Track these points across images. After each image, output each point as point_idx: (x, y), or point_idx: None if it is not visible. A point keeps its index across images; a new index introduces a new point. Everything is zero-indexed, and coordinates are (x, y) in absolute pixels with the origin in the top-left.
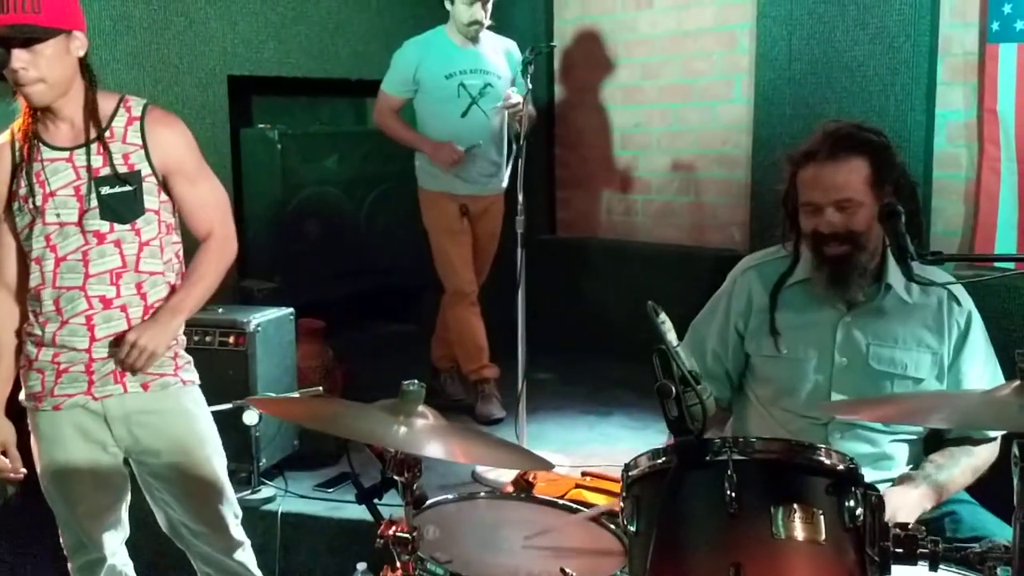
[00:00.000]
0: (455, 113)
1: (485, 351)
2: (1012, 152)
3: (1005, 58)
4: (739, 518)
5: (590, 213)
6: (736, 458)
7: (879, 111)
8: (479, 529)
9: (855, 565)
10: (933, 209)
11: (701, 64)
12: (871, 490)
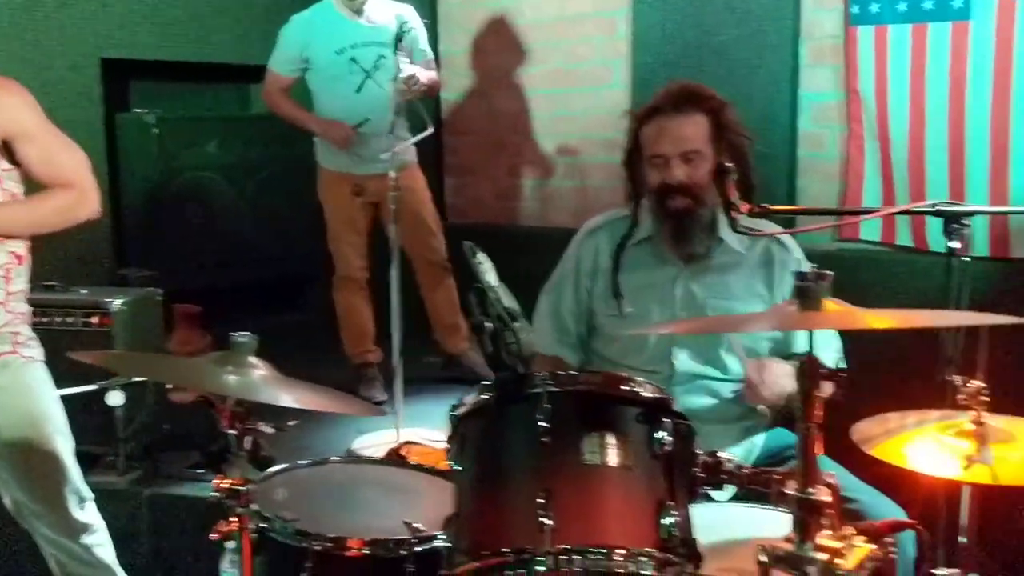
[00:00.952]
0: (349, 89)
1: (370, 336)
2: (874, 131)
3: (864, 40)
4: (552, 447)
5: (479, 199)
6: (552, 390)
7: (747, 93)
8: (331, 491)
9: (664, 490)
10: (798, 188)
11: (583, 49)
12: (681, 419)
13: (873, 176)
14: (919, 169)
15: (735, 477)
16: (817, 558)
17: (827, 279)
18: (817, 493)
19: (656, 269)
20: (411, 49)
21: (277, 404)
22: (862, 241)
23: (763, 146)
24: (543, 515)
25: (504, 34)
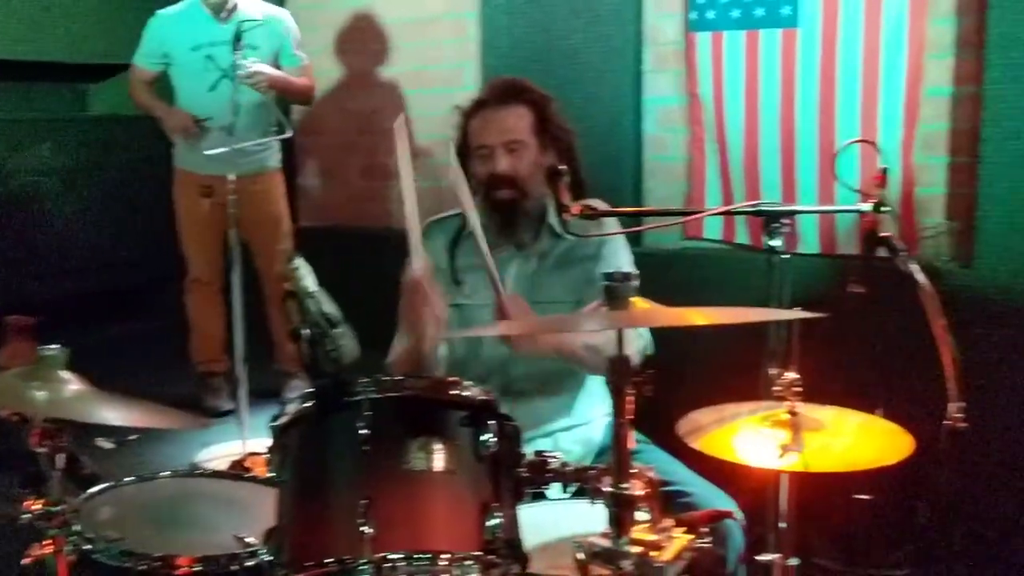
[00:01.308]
0: (204, 87)
1: (218, 343)
2: (713, 134)
3: (702, 46)
4: (374, 454)
5: (332, 200)
6: (373, 396)
7: (594, 97)
8: (162, 507)
9: (489, 493)
10: (645, 190)
11: (434, 51)
12: (506, 420)
13: (714, 177)
14: (754, 170)
15: (560, 475)
16: (632, 552)
17: (633, 279)
18: (632, 488)
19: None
20: (276, 52)
21: (91, 421)
22: (706, 240)
23: (610, 149)
24: (364, 523)
25: (356, 36)
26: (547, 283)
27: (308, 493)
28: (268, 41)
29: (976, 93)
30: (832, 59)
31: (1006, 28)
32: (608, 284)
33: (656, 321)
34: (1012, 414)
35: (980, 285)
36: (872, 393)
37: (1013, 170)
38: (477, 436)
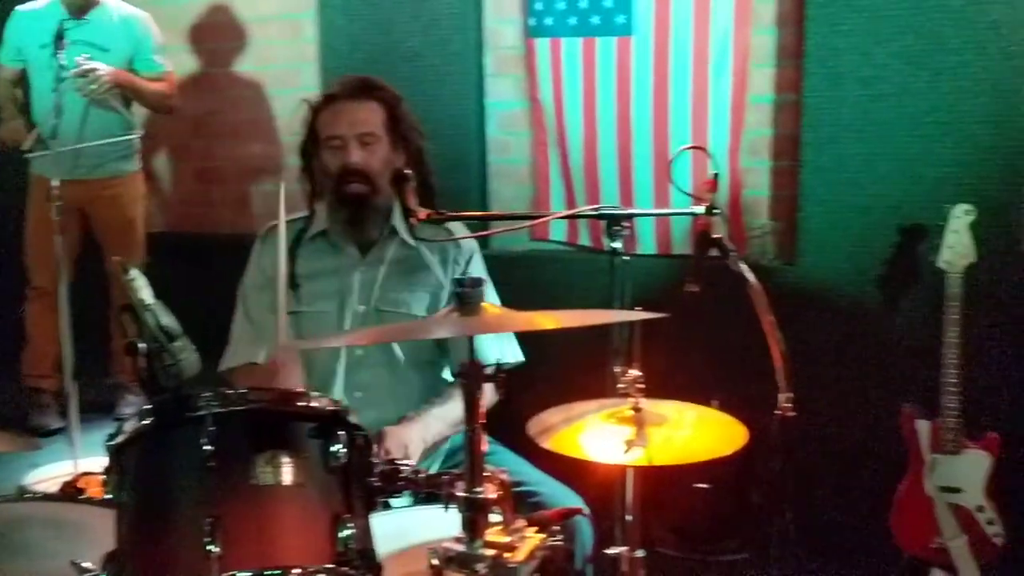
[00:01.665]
0: (48, 86)
1: (50, 359)
2: (555, 138)
3: (541, 52)
4: (219, 471)
5: (165, 205)
6: (217, 411)
7: (436, 100)
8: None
9: (340, 504)
10: (490, 192)
11: (271, 52)
12: (357, 431)
13: (557, 180)
14: (594, 174)
15: (412, 483)
16: (486, 555)
17: (483, 284)
18: (484, 492)
19: (332, 261)
20: (131, 56)
21: None
22: (552, 241)
23: (455, 153)
24: (210, 542)
25: (189, 36)
26: (394, 291)
27: (150, 514)
28: (122, 43)
29: (796, 101)
30: (665, 67)
31: (822, 39)
32: (459, 291)
33: (506, 327)
34: (836, 401)
35: (804, 282)
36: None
37: (831, 173)
38: (326, 447)
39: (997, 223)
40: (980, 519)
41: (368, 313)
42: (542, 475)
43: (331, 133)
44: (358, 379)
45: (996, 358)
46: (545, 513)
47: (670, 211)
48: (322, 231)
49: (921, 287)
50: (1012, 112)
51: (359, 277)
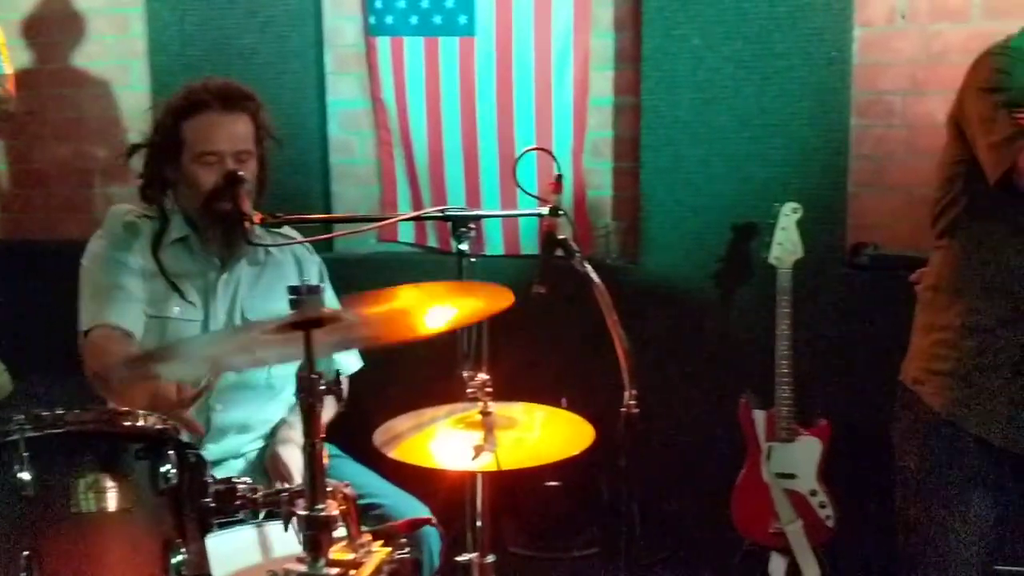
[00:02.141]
0: None
1: None
2: (398, 138)
3: (382, 50)
4: (37, 500)
5: None
6: (31, 435)
7: (274, 99)
8: None
9: (172, 528)
10: (333, 194)
11: (95, 48)
12: (189, 449)
13: (403, 181)
14: (439, 175)
15: (250, 502)
16: (330, 574)
17: (320, 291)
18: (326, 508)
19: (193, 269)
20: None
21: None
22: (400, 243)
23: (295, 153)
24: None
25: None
26: (259, 299)
27: None
28: None
29: (635, 103)
30: (508, 68)
31: (658, 43)
32: (294, 298)
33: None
34: (678, 395)
35: (646, 280)
36: (558, 387)
37: (669, 175)
38: (155, 469)
39: (822, 220)
40: (813, 503)
41: (232, 322)
42: (388, 485)
43: (208, 149)
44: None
45: (824, 348)
46: (392, 525)
47: (514, 212)
48: (181, 238)
49: (755, 282)
50: (835, 114)
51: (223, 285)
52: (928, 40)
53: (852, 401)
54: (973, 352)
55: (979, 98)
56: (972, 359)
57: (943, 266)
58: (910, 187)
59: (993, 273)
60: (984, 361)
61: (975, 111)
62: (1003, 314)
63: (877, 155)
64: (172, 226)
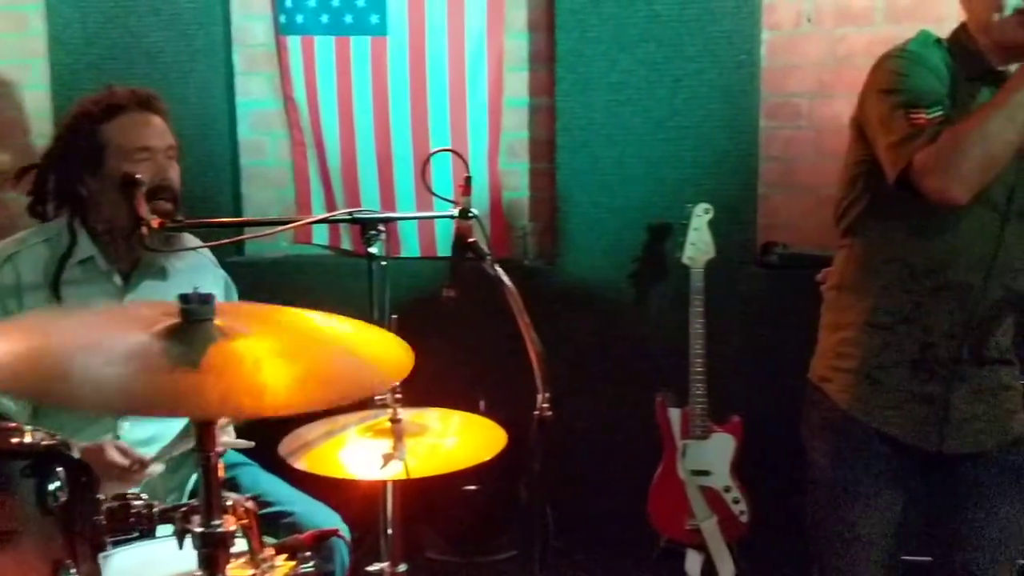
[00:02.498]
0: None
1: None
2: (311, 138)
3: (293, 49)
4: None
5: None
6: None
7: (181, 99)
8: None
9: (61, 548)
10: (244, 195)
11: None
12: (79, 466)
13: (317, 182)
14: (353, 176)
15: (144, 519)
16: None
17: (211, 299)
18: (223, 524)
19: (98, 288)
20: None
21: None
22: (314, 245)
23: (204, 154)
24: None
25: None
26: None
27: None
28: None
29: (550, 104)
30: (422, 69)
31: (572, 44)
32: (185, 307)
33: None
34: (597, 395)
35: (564, 280)
36: (475, 391)
37: (584, 176)
38: (43, 487)
39: (734, 220)
40: (727, 499)
41: None
42: (297, 493)
43: (140, 144)
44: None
45: (737, 346)
46: (297, 538)
47: (422, 215)
48: (88, 257)
49: (670, 282)
50: (744, 117)
51: (130, 300)
52: (833, 44)
53: (764, 397)
54: (875, 349)
55: (878, 100)
56: (874, 356)
57: (846, 265)
58: (818, 187)
59: (894, 272)
60: (886, 358)
61: (875, 112)
62: (903, 312)
63: (786, 156)
64: (79, 246)
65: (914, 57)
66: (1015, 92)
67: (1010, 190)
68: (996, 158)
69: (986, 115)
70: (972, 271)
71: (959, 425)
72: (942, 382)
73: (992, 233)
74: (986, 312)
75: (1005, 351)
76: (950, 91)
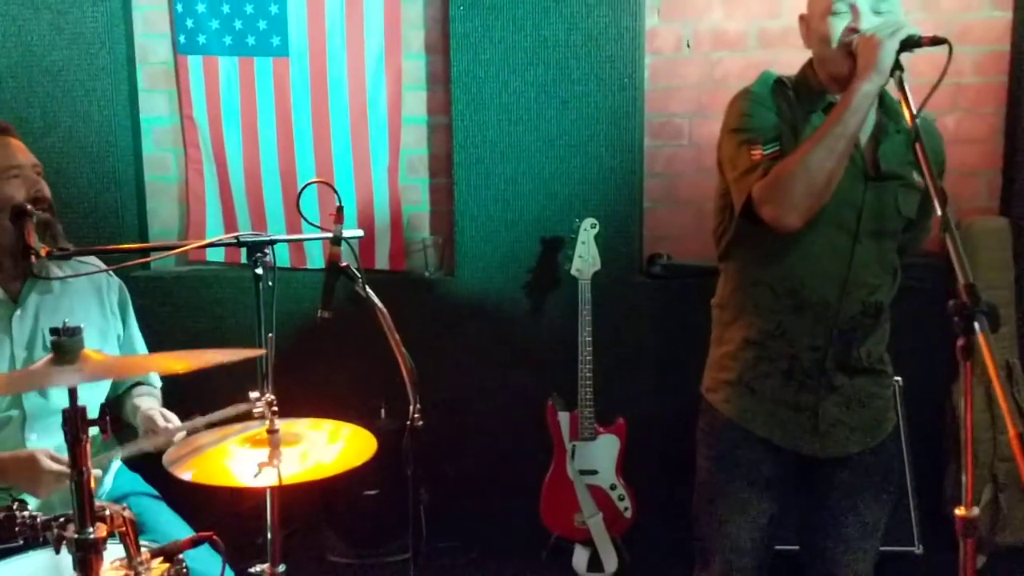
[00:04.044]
0: None
1: None
2: (211, 156)
3: (194, 69)
4: None
5: None
6: None
7: (85, 116)
8: None
9: None
10: (149, 211)
11: None
12: None
13: (214, 200)
14: (258, 195)
15: (29, 529)
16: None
17: (79, 333)
18: (95, 531)
19: None
20: None
21: None
22: (209, 263)
23: (107, 170)
24: None
25: None
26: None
27: None
28: None
29: (448, 123)
30: (323, 89)
31: (466, 67)
32: (56, 340)
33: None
34: (494, 400)
35: (462, 291)
36: (370, 399)
37: (480, 191)
38: None
39: (621, 233)
40: (613, 496)
41: (32, 358)
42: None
43: (8, 163)
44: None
45: (623, 352)
46: (174, 543)
47: (301, 237)
48: None
49: (561, 292)
50: (629, 135)
51: (17, 322)
52: (711, 67)
53: (648, 400)
54: (751, 363)
55: (727, 138)
56: (751, 369)
57: (724, 286)
58: (699, 201)
59: (760, 293)
60: (760, 370)
61: (725, 150)
62: (771, 329)
63: (668, 173)
64: None
65: (755, 98)
66: (833, 125)
67: (859, 212)
68: (820, 186)
69: (808, 148)
70: (827, 290)
71: (828, 431)
72: (811, 391)
73: (844, 254)
74: (845, 326)
75: (876, 360)
76: (792, 125)
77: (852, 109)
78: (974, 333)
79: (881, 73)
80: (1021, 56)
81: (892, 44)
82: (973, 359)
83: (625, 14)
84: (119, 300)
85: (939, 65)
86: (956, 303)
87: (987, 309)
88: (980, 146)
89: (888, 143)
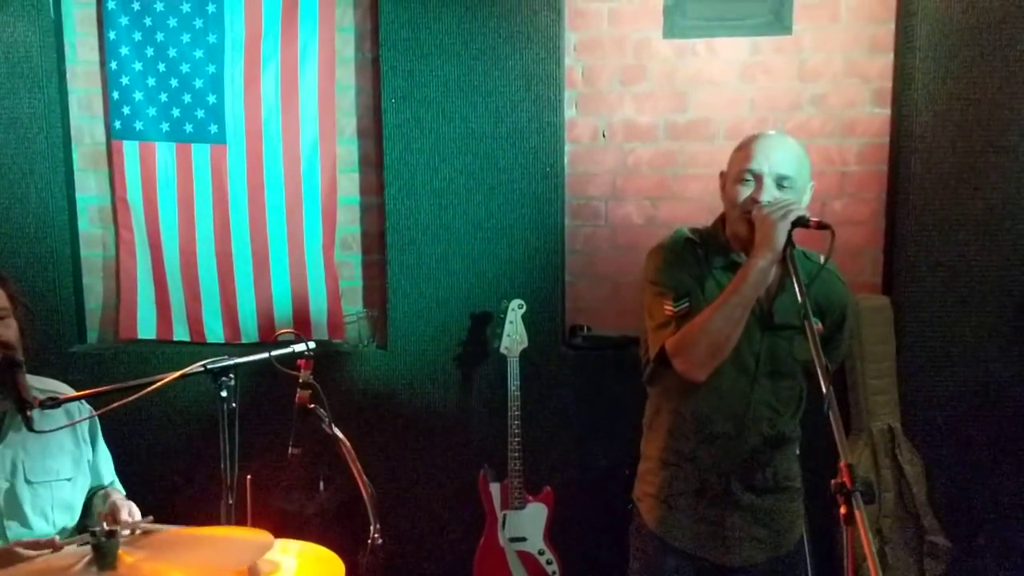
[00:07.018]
0: None
1: None
2: (145, 237)
3: (129, 153)
4: None
5: None
6: None
7: (23, 197)
8: None
9: None
10: (85, 286)
11: None
12: None
13: (146, 279)
14: (193, 277)
15: None
16: None
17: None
18: None
19: None
20: None
21: None
22: (141, 341)
23: (44, 249)
24: None
25: None
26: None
27: None
28: None
29: (380, 203)
30: (259, 173)
31: (397, 153)
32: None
33: None
34: (427, 472)
35: (394, 364)
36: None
37: (411, 269)
38: None
39: (544, 308)
40: (541, 561)
41: (17, 489)
42: None
43: None
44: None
45: (549, 421)
46: None
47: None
48: None
49: (490, 366)
50: (550, 218)
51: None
52: (624, 155)
53: (573, 468)
54: (667, 480)
55: (646, 288)
56: (668, 486)
57: (648, 409)
58: (615, 276)
59: (675, 420)
60: (676, 488)
61: (645, 299)
62: (685, 452)
63: (587, 250)
64: None
65: (667, 255)
66: (731, 295)
67: (757, 356)
68: (721, 347)
69: (709, 315)
70: (728, 423)
71: (736, 543)
72: (720, 508)
73: (743, 392)
74: (747, 455)
75: (783, 479)
76: (699, 278)
77: (748, 283)
78: (853, 509)
79: (775, 251)
80: (899, 147)
81: (784, 225)
82: (853, 524)
83: (547, 109)
84: (89, 426)
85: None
86: (838, 483)
87: (864, 488)
88: (864, 228)
89: (786, 296)
